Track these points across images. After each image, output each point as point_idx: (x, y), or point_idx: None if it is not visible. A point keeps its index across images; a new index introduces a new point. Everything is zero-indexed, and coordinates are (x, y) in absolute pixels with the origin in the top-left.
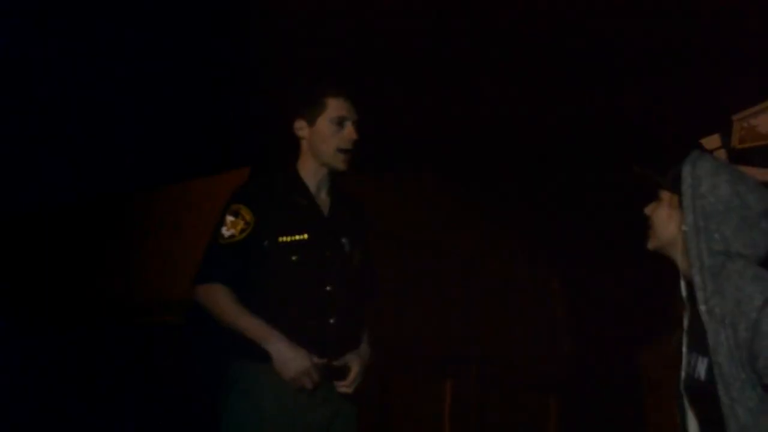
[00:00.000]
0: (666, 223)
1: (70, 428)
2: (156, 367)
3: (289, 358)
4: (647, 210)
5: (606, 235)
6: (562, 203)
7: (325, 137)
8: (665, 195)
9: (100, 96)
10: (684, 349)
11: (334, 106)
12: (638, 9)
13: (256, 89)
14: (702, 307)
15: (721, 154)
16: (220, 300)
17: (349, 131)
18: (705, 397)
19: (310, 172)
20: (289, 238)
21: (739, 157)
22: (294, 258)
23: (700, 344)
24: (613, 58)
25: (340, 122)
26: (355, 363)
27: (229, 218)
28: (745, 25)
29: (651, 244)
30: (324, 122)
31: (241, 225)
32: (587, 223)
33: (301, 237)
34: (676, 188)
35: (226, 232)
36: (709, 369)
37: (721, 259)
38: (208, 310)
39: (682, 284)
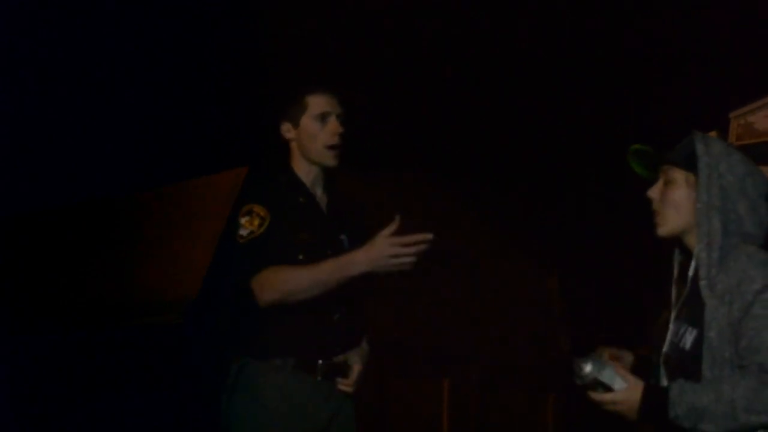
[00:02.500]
0: (686, 204)
1: (69, 428)
2: (155, 366)
3: (373, 254)
4: (652, 193)
5: (604, 234)
6: (560, 203)
7: (311, 136)
8: (679, 175)
9: (98, 96)
10: (671, 325)
11: (315, 103)
12: (636, 6)
13: (253, 88)
14: (703, 282)
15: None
16: (280, 275)
17: (333, 126)
18: (683, 366)
19: (304, 172)
20: (296, 237)
21: None
22: (300, 257)
23: (692, 317)
24: (610, 55)
25: (323, 118)
26: (357, 362)
27: (244, 219)
28: (742, 22)
29: (664, 230)
30: (307, 121)
31: (257, 221)
32: (586, 223)
33: (305, 235)
34: (692, 167)
35: (243, 231)
36: (696, 341)
37: (735, 240)
38: (279, 298)
39: (693, 264)
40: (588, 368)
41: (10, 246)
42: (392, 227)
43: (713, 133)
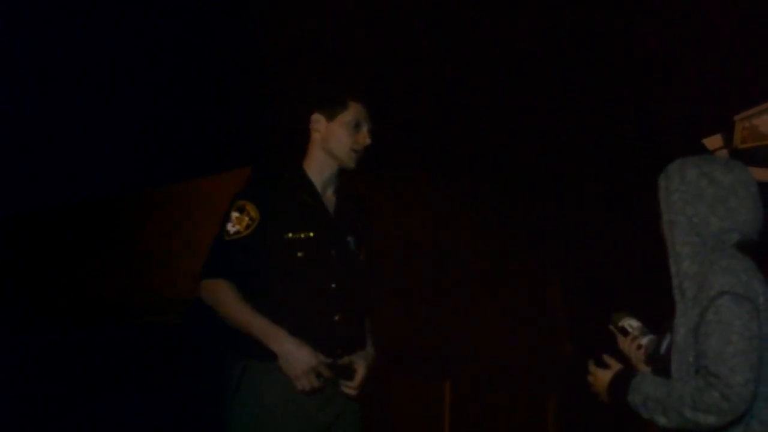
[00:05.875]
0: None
1: (69, 428)
2: (155, 366)
3: (295, 357)
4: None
5: (606, 235)
6: (562, 203)
7: (341, 136)
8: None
9: (99, 95)
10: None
11: (355, 109)
12: (639, 8)
13: (257, 88)
14: (675, 290)
15: (723, 153)
16: (225, 296)
17: (363, 135)
18: (663, 370)
19: (318, 169)
20: (294, 235)
21: (741, 157)
22: (300, 254)
23: (672, 324)
24: (613, 57)
25: (357, 125)
26: (361, 365)
27: (235, 214)
28: (747, 24)
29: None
30: (343, 121)
31: (246, 221)
32: (588, 223)
33: (307, 234)
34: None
35: (231, 228)
36: (669, 346)
37: (697, 240)
38: (213, 306)
39: None
40: (634, 322)
41: (10, 246)
42: (331, 362)
43: (717, 137)
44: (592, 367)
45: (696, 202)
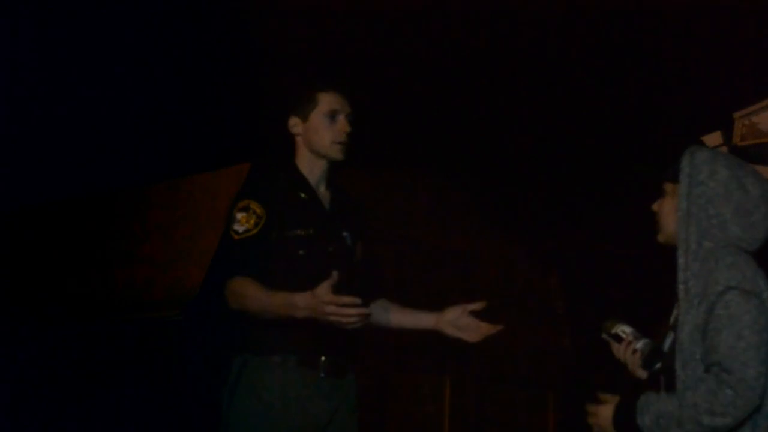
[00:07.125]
0: (673, 213)
1: (69, 425)
2: (155, 362)
3: (298, 307)
4: (654, 206)
5: (605, 232)
6: (562, 200)
7: (319, 131)
8: (669, 187)
9: (99, 92)
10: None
11: (326, 101)
12: (639, 8)
13: (255, 85)
14: (681, 286)
15: (723, 151)
16: (252, 289)
17: (341, 124)
18: (664, 368)
19: (308, 168)
20: (295, 233)
21: (740, 154)
22: (301, 252)
23: (675, 321)
24: (613, 53)
25: (332, 116)
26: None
27: (240, 214)
28: (747, 21)
29: (660, 238)
30: (317, 117)
31: (254, 219)
32: (587, 220)
33: (307, 231)
34: (676, 179)
35: (239, 227)
36: (672, 343)
37: (715, 245)
38: (241, 308)
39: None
40: (627, 327)
41: (8, 243)
42: (330, 282)
43: (716, 134)
44: (591, 408)
45: (720, 203)
